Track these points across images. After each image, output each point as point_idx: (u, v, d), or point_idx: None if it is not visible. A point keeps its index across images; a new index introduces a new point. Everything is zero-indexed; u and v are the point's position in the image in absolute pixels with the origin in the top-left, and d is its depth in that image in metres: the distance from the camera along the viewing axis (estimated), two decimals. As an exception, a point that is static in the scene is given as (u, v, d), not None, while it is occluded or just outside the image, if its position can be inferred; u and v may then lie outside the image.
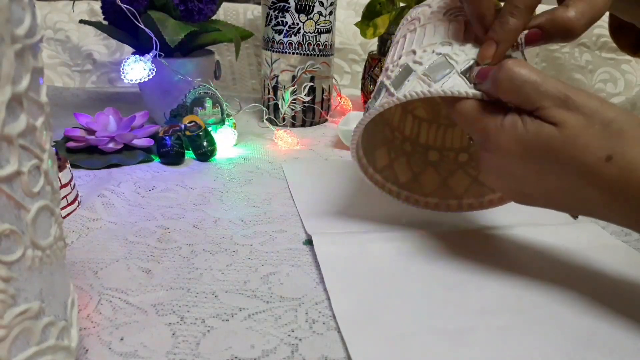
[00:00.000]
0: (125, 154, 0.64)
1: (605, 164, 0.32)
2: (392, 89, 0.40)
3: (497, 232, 0.48)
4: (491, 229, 0.48)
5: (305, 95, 0.79)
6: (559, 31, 0.36)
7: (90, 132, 0.66)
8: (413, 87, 0.38)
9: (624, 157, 0.32)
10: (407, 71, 0.40)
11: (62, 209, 0.48)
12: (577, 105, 0.33)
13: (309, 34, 0.77)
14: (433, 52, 0.39)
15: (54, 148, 0.29)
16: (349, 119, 0.76)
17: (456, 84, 0.37)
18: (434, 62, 0.39)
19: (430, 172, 0.52)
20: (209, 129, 0.68)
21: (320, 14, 0.77)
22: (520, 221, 0.50)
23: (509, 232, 0.48)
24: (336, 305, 0.37)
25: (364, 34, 0.83)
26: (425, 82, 0.38)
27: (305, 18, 0.76)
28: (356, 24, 0.84)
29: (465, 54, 0.38)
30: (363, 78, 0.92)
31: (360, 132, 0.44)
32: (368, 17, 0.83)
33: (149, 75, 0.67)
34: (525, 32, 0.37)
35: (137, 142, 0.65)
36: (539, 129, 0.33)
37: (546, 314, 0.36)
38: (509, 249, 0.46)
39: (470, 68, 0.37)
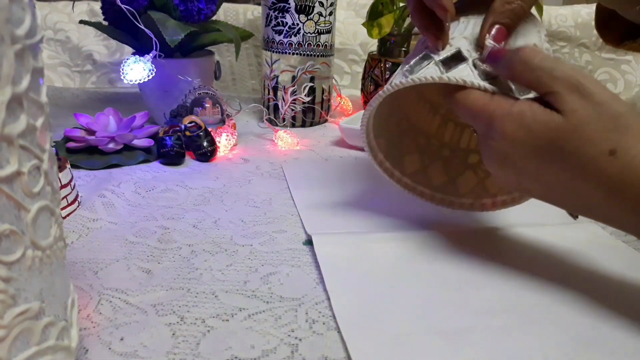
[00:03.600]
0: (126, 154, 0.64)
1: (608, 158, 0.32)
2: (407, 73, 0.41)
3: (497, 232, 0.48)
4: (491, 229, 0.48)
5: (305, 95, 0.80)
6: (514, 18, 0.38)
7: (90, 132, 0.66)
8: (427, 72, 0.39)
9: (628, 152, 0.31)
10: (424, 58, 0.41)
11: (62, 209, 0.48)
12: (589, 92, 0.32)
13: (309, 35, 0.78)
14: (451, 45, 0.40)
15: (54, 148, 0.29)
16: (352, 119, 0.76)
17: (466, 74, 0.38)
18: (450, 54, 0.40)
19: (469, 175, 0.52)
20: (209, 129, 0.68)
21: (320, 14, 0.77)
22: (520, 221, 0.50)
23: (509, 232, 0.48)
24: (336, 305, 0.37)
25: (370, 34, 0.83)
26: (440, 69, 0.39)
27: (305, 18, 0.76)
28: (363, 24, 0.85)
29: (476, 50, 0.40)
30: (363, 78, 0.92)
31: (371, 112, 0.44)
32: (372, 17, 0.83)
33: (148, 76, 0.67)
34: (493, 32, 0.38)
35: (137, 142, 0.66)
36: (548, 117, 0.33)
37: (546, 314, 0.36)
38: (509, 248, 0.46)
39: (479, 60, 0.39)
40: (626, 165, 0.31)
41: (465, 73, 0.38)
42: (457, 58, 0.39)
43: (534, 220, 0.50)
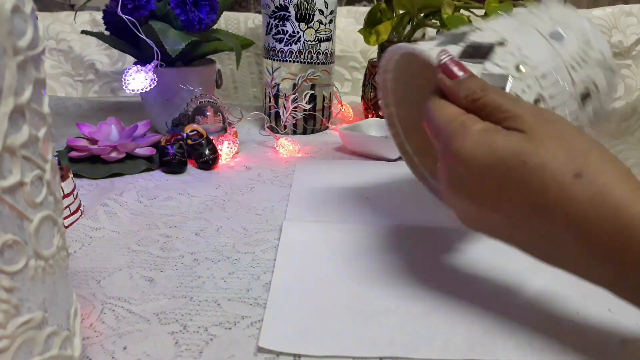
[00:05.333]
0: (128, 163, 0.64)
1: (575, 181, 0.28)
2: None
3: (464, 229, 0.48)
4: (461, 227, 0.49)
5: (306, 103, 0.80)
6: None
7: (93, 141, 0.67)
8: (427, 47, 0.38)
9: (594, 180, 0.28)
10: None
11: (65, 218, 0.49)
12: (549, 118, 0.31)
13: (309, 42, 0.78)
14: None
15: (56, 158, 0.29)
16: (353, 125, 0.77)
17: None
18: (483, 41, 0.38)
19: None
20: (211, 137, 0.68)
21: (320, 22, 0.77)
22: None
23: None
24: (275, 281, 0.40)
25: (367, 40, 0.84)
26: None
27: (306, 26, 0.77)
28: (359, 31, 0.85)
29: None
30: (363, 85, 0.92)
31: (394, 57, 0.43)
32: (370, 24, 0.83)
33: (150, 85, 0.67)
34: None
35: (140, 151, 0.66)
36: (510, 134, 0.31)
37: (473, 305, 0.37)
38: (468, 246, 0.46)
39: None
40: (596, 192, 0.28)
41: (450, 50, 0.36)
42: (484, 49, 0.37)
43: None
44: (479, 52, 0.37)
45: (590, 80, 0.38)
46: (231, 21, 1.06)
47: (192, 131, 0.68)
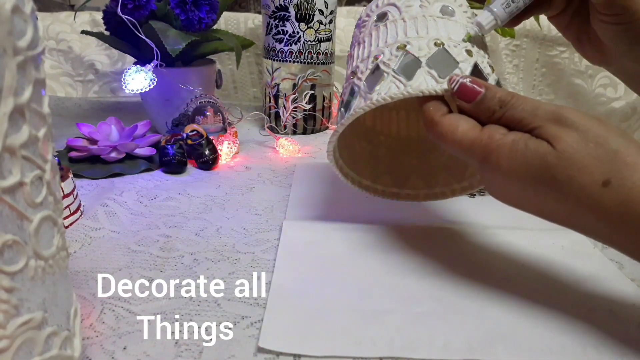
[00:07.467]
0: (128, 163, 0.64)
1: (603, 190, 0.30)
2: (365, 93, 0.40)
3: (468, 230, 0.48)
4: (464, 228, 0.49)
5: (306, 103, 0.80)
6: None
7: (93, 141, 0.67)
8: (388, 90, 0.38)
9: (623, 183, 0.30)
10: (376, 69, 0.40)
11: (65, 218, 0.48)
12: (571, 121, 0.32)
13: (309, 43, 0.78)
14: (398, 49, 0.40)
15: (56, 158, 0.29)
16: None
17: (427, 82, 0.37)
18: (400, 60, 0.39)
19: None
20: (211, 137, 0.68)
21: (320, 22, 0.77)
22: (497, 223, 0.49)
23: (479, 232, 0.48)
24: (275, 281, 0.39)
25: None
26: (398, 82, 0.38)
27: (306, 27, 0.77)
28: None
29: (427, 46, 0.39)
30: (364, 85, 0.92)
31: (335, 140, 0.44)
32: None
33: (150, 85, 0.67)
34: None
35: (139, 151, 0.66)
36: (539, 144, 0.32)
37: (472, 308, 0.37)
38: (471, 247, 0.45)
39: (436, 59, 0.38)
40: (623, 197, 0.30)
41: (427, 82, 0.37)
42: (410, 63, 0.38)
43: (512, 224, 0.49)
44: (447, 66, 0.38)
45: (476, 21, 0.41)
46: (231, 21, 1.06)
47: (192, 131, 0.68)
